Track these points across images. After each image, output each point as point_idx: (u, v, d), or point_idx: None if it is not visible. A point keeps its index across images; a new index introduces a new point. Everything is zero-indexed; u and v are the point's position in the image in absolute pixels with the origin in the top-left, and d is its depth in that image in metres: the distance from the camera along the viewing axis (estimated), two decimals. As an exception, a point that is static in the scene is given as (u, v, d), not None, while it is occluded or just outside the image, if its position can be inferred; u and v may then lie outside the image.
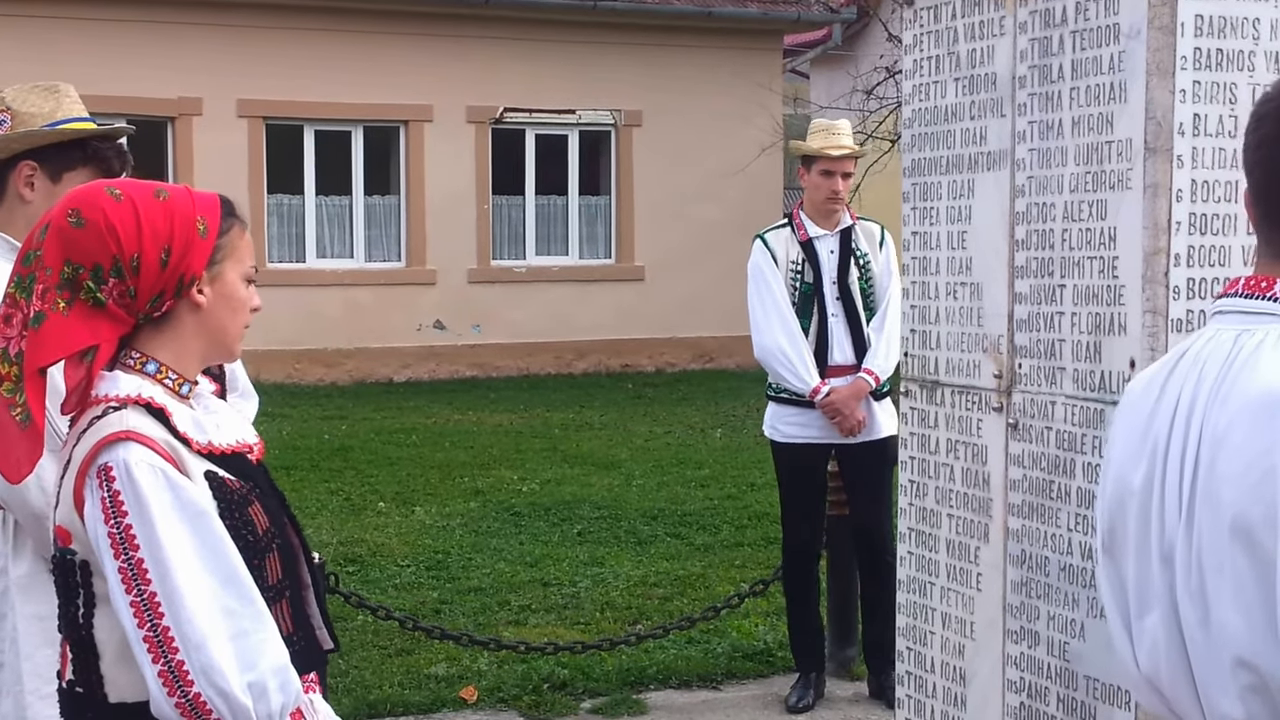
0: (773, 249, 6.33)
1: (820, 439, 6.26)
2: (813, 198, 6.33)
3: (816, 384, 6.16)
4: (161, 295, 2.49)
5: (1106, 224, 3.24)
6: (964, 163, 3.68)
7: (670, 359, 19.63)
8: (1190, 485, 1.94)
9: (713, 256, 19.35)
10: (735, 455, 12.77)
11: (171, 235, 2.47)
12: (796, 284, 6.29)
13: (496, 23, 18.71)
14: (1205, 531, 1.91)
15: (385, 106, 18.44)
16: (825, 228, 6.30)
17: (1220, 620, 1.88)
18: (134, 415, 2.43)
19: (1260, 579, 1.84)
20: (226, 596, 2.35)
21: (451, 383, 18.34)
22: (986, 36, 3.60)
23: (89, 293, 2.44)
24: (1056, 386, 3.39)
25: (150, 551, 2.32)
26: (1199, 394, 1.96)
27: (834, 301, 6.26)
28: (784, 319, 6.23)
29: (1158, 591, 1.99)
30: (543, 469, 12.14)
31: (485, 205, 19.05)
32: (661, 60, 19.33)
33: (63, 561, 2.46)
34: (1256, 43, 3.14)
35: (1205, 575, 1.91)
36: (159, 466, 2.37)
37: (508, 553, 9.18)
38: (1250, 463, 1.86)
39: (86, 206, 2.46)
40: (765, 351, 6.30)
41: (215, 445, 2.51)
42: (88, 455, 2.39)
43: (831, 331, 6.26)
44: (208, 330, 2.56)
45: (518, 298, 19.14)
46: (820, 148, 6.24)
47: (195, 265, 2.50)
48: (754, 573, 8.44)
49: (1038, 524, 3.46)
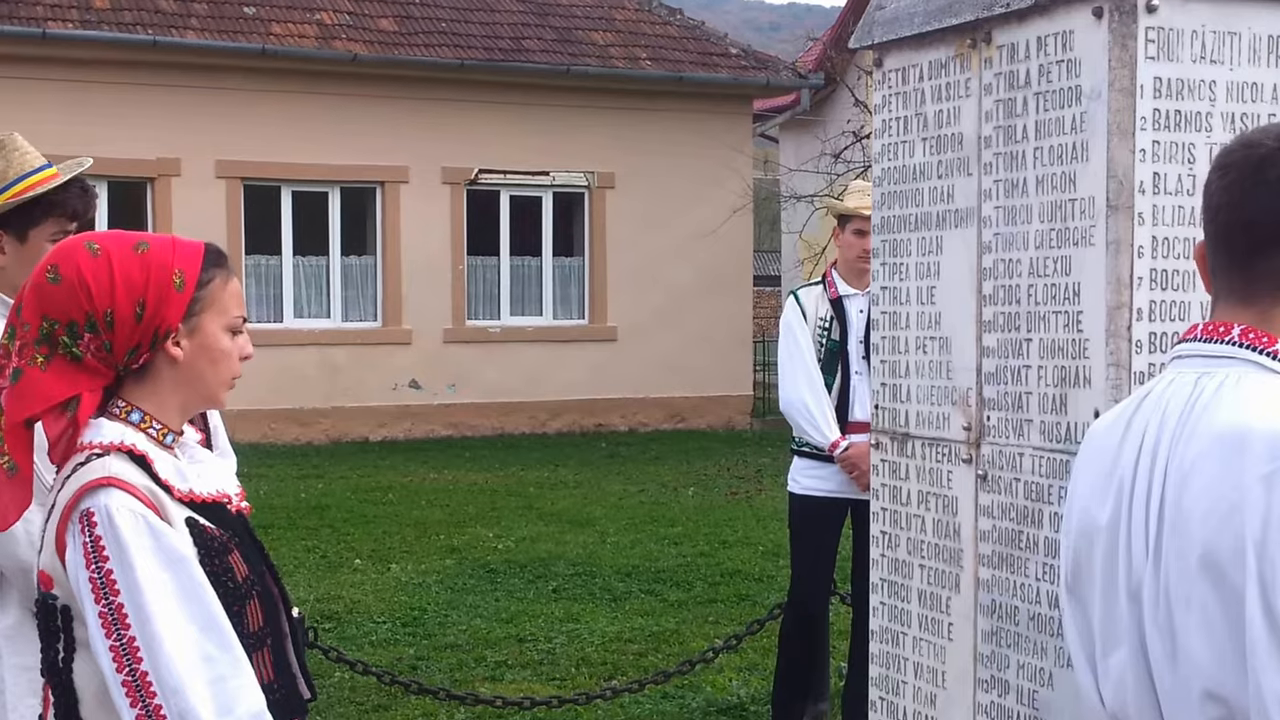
0: (803, 305, 6.43)
1: (837, 493, 6.34)
2: (846, 256, 6.42)
3: (836, 438, 6.25)
4: (138, 348, 2.51)
5: (1071, 279, 3.33)
6: (932, 220, 3.77)
7: (643, 419, 19.71)
8: (1157, 521, 2.01)
9: (684, 317, 19.50)
10: (708, 513, 12.84)
11: (146, 289, 2.49)
12: (824, 340, 6.38)
13: (472, 86, 18.88)
14: (1173, 566, 1.98)
15: (362, 167, 18.57)
16: (856, 287, 6.39)
17: (1188, 654, 1.95)
18: (116, 462, 2.46)
19: (1229, 612, 1.90)
20: (205, 642, 2.37)
21: (427, 442, 18.38)
22: (953, 98, 3.70)
23: (65, 348, 2.47)
24: (1024, 438, 3.47)
25: (130, 596, 2.35)
26: (1163, 433, 2.03)
27: (859, 359, 6.33)
28: (809, 374, 6.33)
29: (1125, 627, 2.06)
30: (518, 527, 12.18)
31: (460, 266, 19.16)
32: (634, 124, 19.52)
33: (44, 606, 2.49)
34: (1213, 104, 3.24)
35: (1173, 610, 1.97)
36: (140, 512, 2.40)
37: (484, 609, 9.21)
38: (1217, 498, 1.93)
39: (64, 262, 2.49)
40: (789, 405, 6.40)
41: (196, 493, 2.54)
42: (70, 500, 2.42)
43: (854, 389, 6.34)
44: (187, 381, 2.58)
45: (492, 358, 19.22)
46: (855, 207, 6.33)
47: (171, 318, 2.52)
48: (728, 628, 8.48)
49: (1007, 574, 3.53)
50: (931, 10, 3.72)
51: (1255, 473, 1.91)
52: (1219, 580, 1.92)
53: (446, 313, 19.09)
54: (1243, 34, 3.25)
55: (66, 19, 17.34)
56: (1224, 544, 1.92)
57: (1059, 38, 3.35)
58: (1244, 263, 2.07)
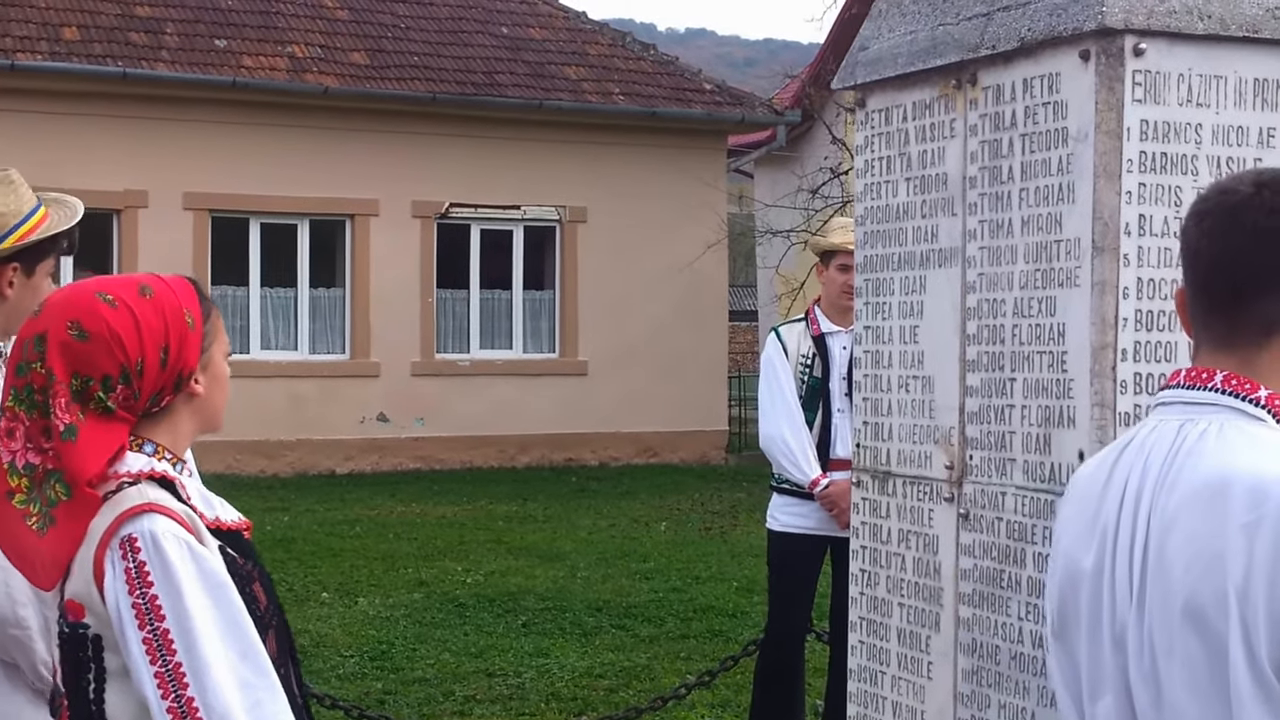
0: (785, 342, 6.43)
1: (817, 530, 6.32)
2: (829, 293, 6.42)
3: (816, 475, 6.24)
4: (161, 392, 2.53)
5: (1055, 320, 3.34)
6: (916, 259, 3.78)
7: (613, 453, 19.68)
8: (1140, 570, 2.01)
9: (656, 352, 19.51)
10: (680, 549, 12.82)
11: (166, 334, 2.51)
12: (805, 377, 6.38)
13: (443, 119, 18.90)
14: (1156, 614, 1.98)
15: (332, 200, 18.55)
16: (839, 324, 6.38)
17: (1173, 702, 1.95)
18: (151, 489, 2.46)
19: (1212, 661, 1.90)
20: (244, 669, 2.37)
21: (394, 475, 18.32)
22: (937, 138, 3.71)
23: (99, 403, 2.47)
24: (1007, 477, 3.48)
25: (177, 622, 2.34)
26: (1146, 481, 2.04)
27: (841, 397, 6.32)
28: (790, 411, 6.32)
29: (1110, 675, 2.05)
30: (487, 560, 12.14)
31: (430, 299, 19.14)
32: (607, 158, 19.56)
33: (74, 636, 2.46)
34: (1199, 147, 3.26)
35: (1157, 658, 1.97)
36: (183, 538, 2.40)
37: (452, 643, 9.17)
38: (1200, 547, 1.93)
39: (86, 318, 2.47)
40: (769, 441, 6.38)
41: (221, 521, 2.56)
42: (110, 527, 2.41)
43: (836, 426, 6.34)
44: (202, 414, 2.62)
45: (461, 391, 19.18)
46: (840, 243, 6.34)
47: (191, 360, 2.55)
48: (700, 664, 8.46)
49: (988, 613, 3.53)
50: (916, 51, 3.74)
51: (1237, 522, 1.91)
52: (1202, 629, 1.92)
53: (415, 346, 19.05)
54: (1228, 77, 3.28)
55: (36, 50, 17.32)
56: (1207, 593, 1.92)
57: (1045, 80, 3.37)
58: (1225, 309, 2.08)
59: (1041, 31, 3.35)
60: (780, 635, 6.49)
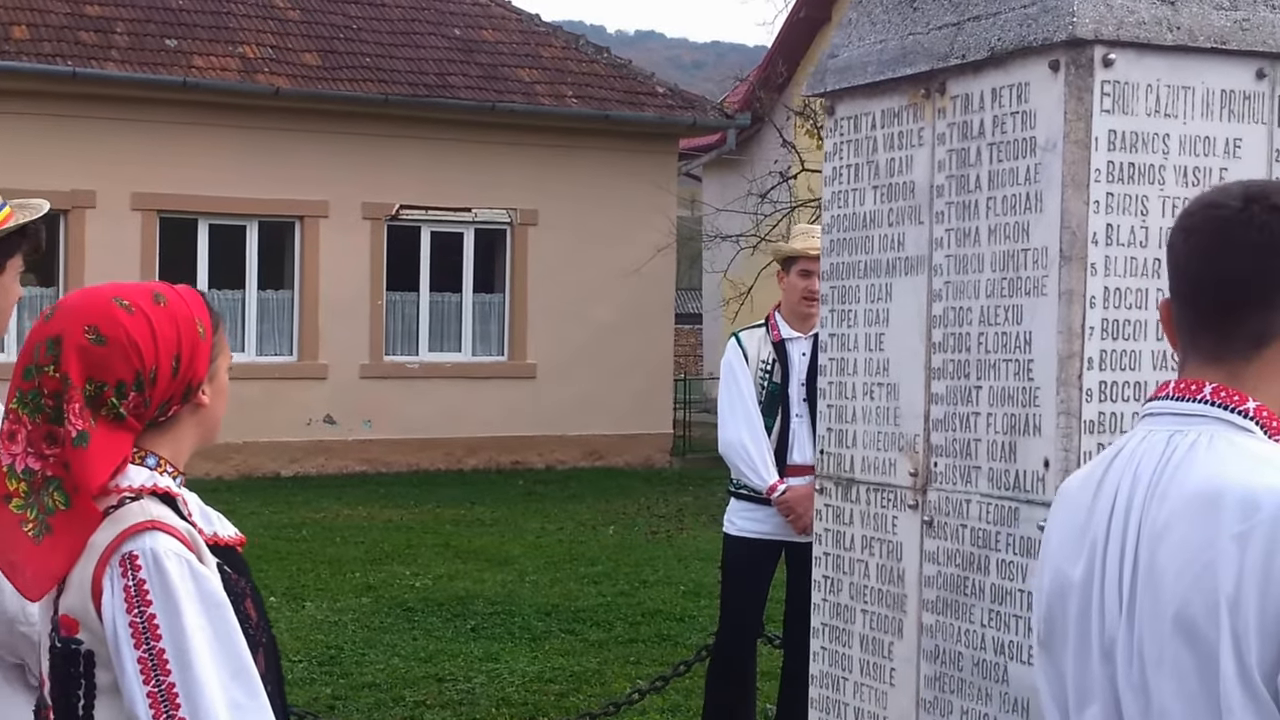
0: (745, 347, 6.43)
1: (773, 535, 6.33)
2: (790, 299, 6.42)
3: (774, 481, 6.24)
4: (170, 401, 2.52)
5: (1022, 328, 3.36)
6: (882, 267, 3.79)
7: (560, 456, 19.65)
8: (1130, 579, 2.02)
9: (604, 356, 19.50)
10: (628, 552, 12.81)
11: (179, 343, 2.50)
12: (765, 383, 6.38)
13: (394, 121, 18.82)
14: (1146, 624, 1.98)
15: (281, 201, 18.43)
16: (799, 330, 6.39)
17: (1162, 711, 1.95)
18: (153, 505, 2.44)
19: (1202, 671, 1.91)
20: (236, 689, 2.37)
21: (341, 478, 18.23)
22: (905, 146, 3.73)
23: (111, 409, 2.45)
24: (972, 485, 3.49)
25: (173, 642, 2.33)
26: (1136, 491, 2.04)
27: (800, 403, 6.34)
28: (749, 416, 6.32)
29: (1098, 684, 2.06)
30: (435, 564, 12.09)
31: (379, 301, 19.05)
32: (558, 161, 19.53)
33: (66, 651, 2.43)
34: (1166, 157, 3.29)
35: (1147, 667, 1.98)
36: (185, 557, 2.39)
37: (401, 648, 9.12)
38: (1191, 558, 1.94)
39: (103, 323, 2.45)
40: (728, 446, 6.38)
41: (219, 536, 2.55)
42: (111, 544, 2.38)
43: (794, 432, 6.34)
44: (205, 425, 2.61)
45: (409, 394, 19.10)
46: (802, 249, 6.35)
47: (201, 370, 2.54)
48: (650, 669, 8.46)
49: (952, 620, 3.54)
50: (885, 60, 3.75)
51: (1229, 532, 1.92)
52: (1193, 638, 1.93)
53: (364, 348, 18.96)
54: (1196, 88, 3.31)
55: (-16, 48, 17.15)
56: (1198, 602, 1.93)
57: (1014, 90, 3.39)
58: (1213, 323, 2.09)
59: (1011, 41, 3.36)
60: (732, 639, 6.49)
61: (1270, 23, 3.37)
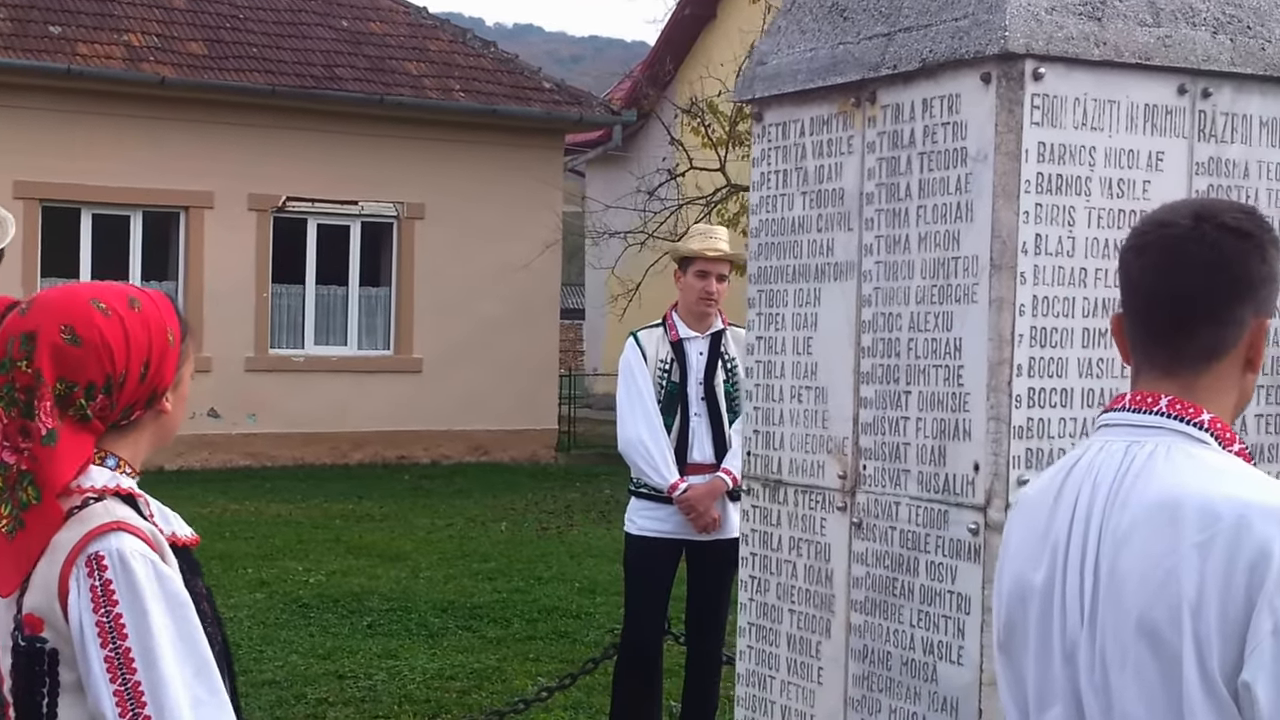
0: (643, 346, 6.46)
1: (674, 534, 6.38)
2: (686, 299, 6.46)
3: (675, 480, 6.28)
4: (133, 406, 2.53)
5: (952, 335, 3.43)
6: (811, 272, 3.85)
7: (446, 451, 19.61)
8: (1092, 585, 2.09)
9: (491, 351, 19.48)
10: (519, 548, 12.82)
11: (150, 349, 2.52)
12: (664, 382, 6.42)
13: (282, 112, 18.65)
14: (1109, 629, 2.05)
15: (166, 192, 18.19)
16: (696, 329, 6.44)
17: (1124, 713, 2.03)
18: (117, 506, 2.46)
19: (1164, 673, 1.99)
20: (197, 687, 2.40)
21: (225, 472, 18.04)
22: (834, 154, 3.79)
23: (79, 410, 2.46)
24: (901, 488, 3.56)
25: (139, 641, 2.36)
26: (1095, 500, 2.12)
27: (698, 401, 6.39)
28: (648, 415, 6.35)
29: (1060, 686, 2.13)
30: (327, 560, 12.01)
31: (265, 293, 18.87)
32: (445, 155, 19.47)
33: (30, 650, 2.44)
34: (1093, 169, 3.38)
35: (1109, 670, 2.05)
36: (150, 557, 2.41)
37: (299, 645, 9.06)
38: (1153, 565, 2.01)
39: (79, 323, 2.46)
40: (628, 445, 6.41)
41: (178, 536, 2.56)
42: (77, 544, 2.40)
43: (694, 430, 6.40)
44: (164, 430, 2.63)
45: (295, 387, 18.95)
46: (699, 249, 6.40)
47: (168, 377, 2.56)
48: (549, 666, 8.49)
49: (880, 620, 3.61)
50: (815, 68, 3.81)
51: (1190, 540, 2.00)
52: (1155, 643, 2.00)
53: (249, 341, 18.77)
54: (1121, 102, 3.40)
55: None
56: (1160, 608, 2.00)
57: (945, 100, 3.46)
58: (1166, 338, 2.16)
59: (943, 54, 3.43)
60: (638, 637, 6.53)
61: (1191, 40, 3.47)
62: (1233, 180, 3.53)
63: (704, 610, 6.56)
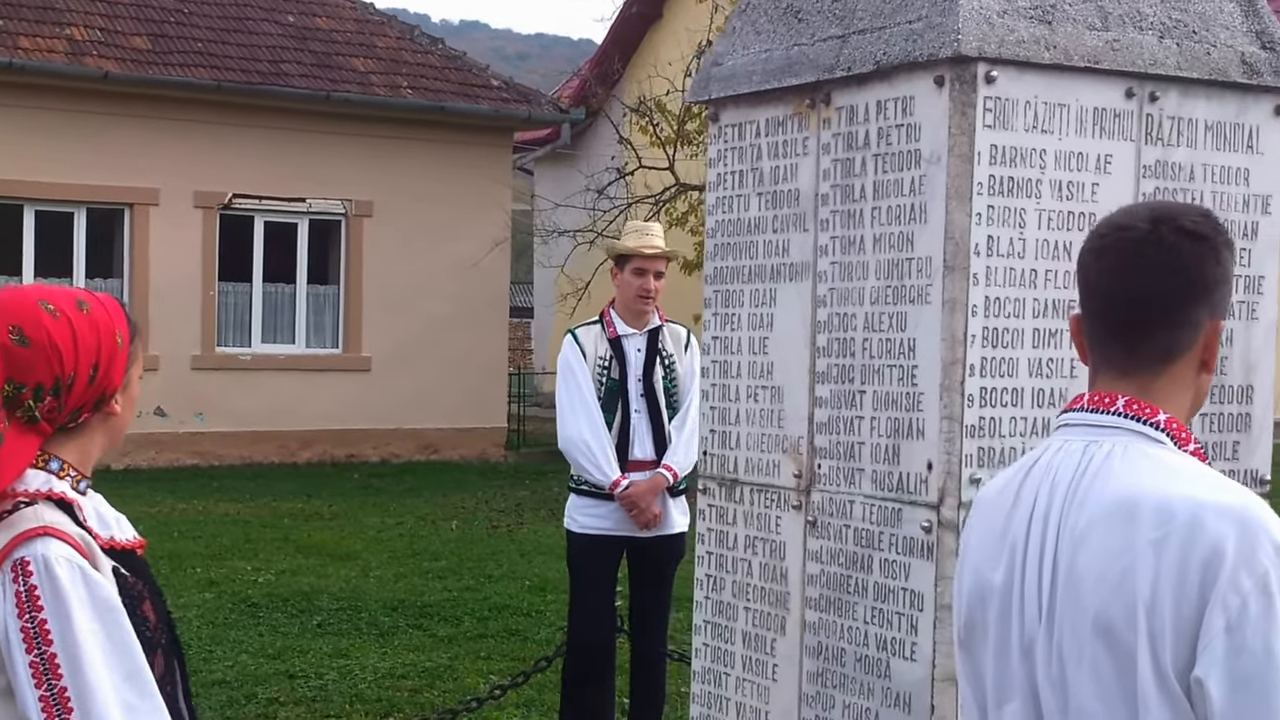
0: (582, 344, 6.46)
1: (616, 531, 6.39)
2: (624, 296, 6.48)
3: (616, 477, 6.30)
4: (81, 409, 2.53)
5: (906, 335, 3.47)
6: (766, 273, 3.88)
7: (395, 450, 19.56)
8: (1050, 582, 2.13)
9: (440, 349, 19.44)
10: (470, 547, 12.81)
11: (99, 351, 2.51)
12: (603, 380, 6.43)
13: (227, 108, 18.54)
14: (1066, 625, 2.09)
15: (110, 188, 18.06)
16: (634, 327, 6.46)
17: (1080, 707, 2.07)
18: (48, 510, 2.45)
19: (1120, 669, 2.03)
20: (128, 691, 2.39)
21: (172, 471, 17.93)
22: (790, 155, 3.82)
23: (26, 411, 2.46)
24: (855, 486, 3.60)
25: (64, 647, 2.35)
26: (1054, 499, 2.15)
27: (638, 398, 6.41)
28: (589, 412, 6.36)
29: (1018, 682, 2.17)
30: (277, 559, 11.97)
31: (211, 291, 18.76)
32: (394, 152, 19.41)
33: None
34: (1043, 171, 3.42)
35: (1066, 666, 2.09)
36: (77, 563, 2.40)
37: (248, 645, 9.03)
38: (1110, 563, 2.05)
39: (28, 324, 2.46)
40: (569, 443, 6.41)
41: (116, 540, 2.55)
42: (3, 549, 2.40)
43: (634, 427, 6.41)
44: (113, 432, 2.63)
45: (242, 386, 18.85)
46: (635, 246, 6.42)
47: (116, 379, 2.56)
48: (501, 664, 8.50)
49: (835, 617, 3.65)
50: (770, 70, 3.84)
51: (1145, 539, 2.04)
52: (1111, 639, 2.04)
53: (196, 339, 18.66)
54: (1071, 105, 3.44)
55: None
56: (1117, 606, 2.04)
57: (899, 103, 3.50)
58: (1123, 339, 2.20)
59: (897, 56, 3.47)
60: (585, 635, 6.54)
61: (1138, 43, 3.52)
62: (1178, 183, 3.58)
63: (647, 606, 6.58)
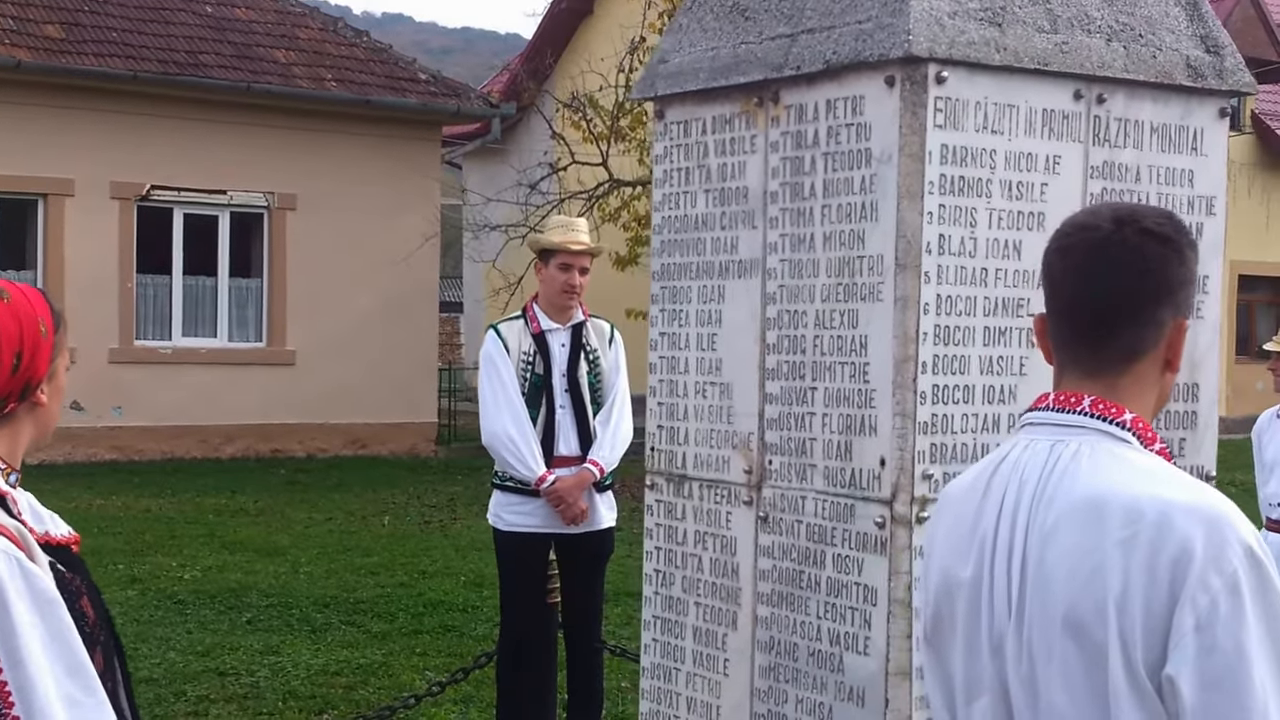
0: (505, 339, 6.41)
1: (543, 528, 6.35)
2: (548, 291, 6.44)
3: (542, 472, 6.25)
4: (6, 399, 2.49)
5: (858, 332, 3.49)
6: (715, 269, 3.90)
7: (321, 445, 19.43)
8: (1019, 580, 2.15)
9: (366, 343, 19.33)
10: (402, 543, 12.75)
11: (21, 340, 2.47)
12: (527, 375, 6.38)
13: (144, 98, 18.32)
14: (1036, 621, 2.12)
15: (23, 179, 17.81)
16: (558, 321, 6.43)
17: (1050, 703, 2.10)
18: None
19: (1089, 665, 2.05)
20: (71, 686, 2.35)
21: (89, 466, 17.71)
22: (737, 152, 3.83)
23: None
24: (807, 482, 3.62)
25: (3, 640, 2.31)
26: (1022, 497, 2.18)
27: (563, 394, 6.38)
28: (513, 408, 6.32)
29: (988, 678, 2.19)
30: (202, 556, 11.86)
31: (129, 284, 18.54)
32: (318, 145, 19.27)
33: None
34: (993, 171, 3.46)
35: (1035, 662, 2.12)
36: (14, 555, 2.36)
37: (176, 642, 8.95)
38: (1079, 561, 2.08)
39: None
40: (493, 438, 6.36)
41: (51, 535, 2.51)
42: None
43: (559, 423, 6.37)
44: (41, 423, 2.59)
45: (162, 379, 18.66)
46: (560, 242, 6.38)
47: (41, 369, 2.52)
48: (436, 660, 8.47)
49: (787, 612, 3.67)
50: (717, 67, 3.85)
51: (1114, 537, 2.06)
52: (1081, 636, 2.07)
53: (114, 332, 18.44)
54: (1020, 106, 3.48)
55: None
56: (1086, 603, 2.07)
57: (849, 102, 3.52)
58: (1088, 338, 2.23)
59: (847, 56, 3.49)
60: (518, 632, 6.51)
61: (1087, 46, 3.56)
62: (1125, 184, 3.63)
63: (580, 602, 6.56)
